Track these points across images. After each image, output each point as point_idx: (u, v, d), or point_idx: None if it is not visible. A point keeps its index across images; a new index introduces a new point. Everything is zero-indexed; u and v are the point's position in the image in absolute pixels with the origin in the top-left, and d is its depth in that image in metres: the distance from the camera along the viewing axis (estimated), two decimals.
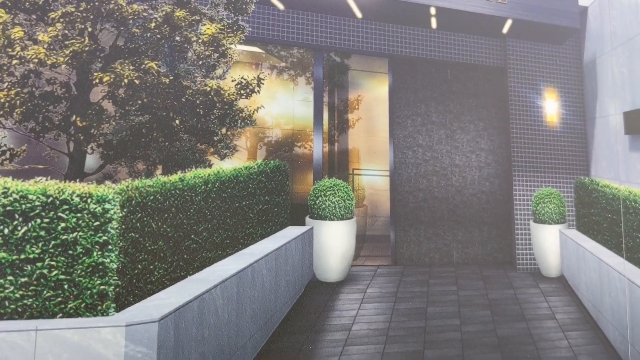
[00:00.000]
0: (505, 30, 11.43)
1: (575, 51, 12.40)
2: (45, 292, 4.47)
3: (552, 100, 12.06)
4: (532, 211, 10.87)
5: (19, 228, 4.43)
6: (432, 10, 10.56)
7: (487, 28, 11.45)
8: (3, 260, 4.37)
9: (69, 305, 4.52)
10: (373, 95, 13.39)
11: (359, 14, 10.99)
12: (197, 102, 6.98)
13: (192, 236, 6.22)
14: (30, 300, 4.43)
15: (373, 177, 13.49)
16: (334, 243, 9.41)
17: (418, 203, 11.71)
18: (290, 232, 8.64)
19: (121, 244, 4.85)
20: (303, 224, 9.59)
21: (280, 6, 10.57)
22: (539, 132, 11.92)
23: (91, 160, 6.99)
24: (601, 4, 11.32)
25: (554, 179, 11.84)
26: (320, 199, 9.39)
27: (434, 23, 11.37)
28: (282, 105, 11.94)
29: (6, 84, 6.18)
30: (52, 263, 4.50)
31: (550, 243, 10.47)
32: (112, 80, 6.20)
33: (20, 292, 4.40)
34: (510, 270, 11.36)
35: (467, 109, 12.20)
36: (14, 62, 5.98)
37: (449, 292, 9.60)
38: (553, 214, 10.43)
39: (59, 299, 4.50)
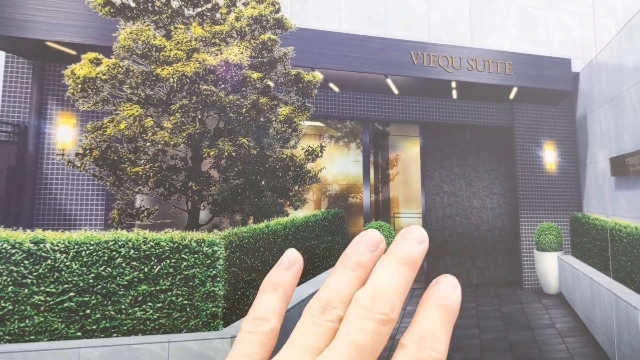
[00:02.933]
0: (511, 96, 11.42)
1: (569, 109, 12.29)
2: (174, 313, 4.72)
3: (550, 150, 12.00)
4: (535, 241, 10.83)
5: (155, 267, 4.72)
6: (453, 84, 10.60)
7: (496, 95, 11.46)
8: (144, 291, 4.65)
9: (191, 323, 4.74)
10: (408, 154, 13.44)
11: (395, 91, 11.12)
12: (277, 167, 7.10)
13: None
14: (164, 320, 4.69)
15: (409, 219, 13.48)
16: None
17: (445, 238, 11.71)
18: None
19: (226, 276, 4.99)
20: None
21: (336, 89, 10.77)
22: (540, 177, 11.88)
23: (203, 215, 7.14)
24: (590, 69, 11.27)
25: (553, 215, 11.77)
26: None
27: (454, 94, 11.42)
28: (339, 165, 12.08)
29: (142, 160, 6.43)
30: (178, 292, 4.74)
31: (551, 267, 10.44)
32: (216, 154, 6.37)
33: (157, 314, 4.67)
34: (518, 289, 11.33)
35: (482, 162, 12.16)
36: (147, 144, 6.21)
37: (470, 307, 9.63)
38: (552, 243, 10.42)
39: (184, 318, 4.73)
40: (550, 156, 11.95)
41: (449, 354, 6.13)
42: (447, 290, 0.46)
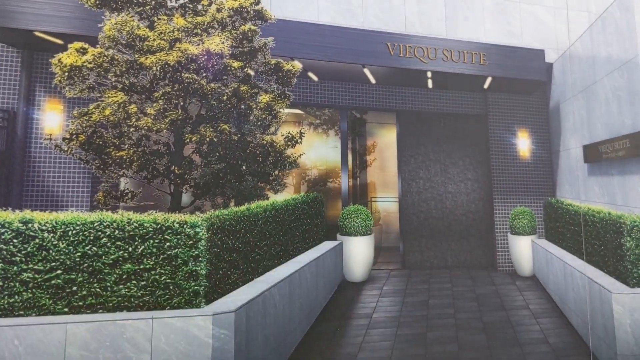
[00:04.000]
0: (486, 86, 11.53)
1: (542, 99, 12.41)
2: (157, 291, 4.77)
3: (524, 138, 12.14)
4: (509, 225, 10.93)
5: (139, 247, 4.77)
6: (429, 74, 10.69)
7: (471, 85, 11.57)
8: (129, 270, 4.70)
9: (174, 301, 4.79)
10: (385, 141, 13.54)
11: (373, 81, 11.19)
12: (257, 152, 7.11)
13: (256, 250, 6.40)
14: (148, 297, 4.74)
15: (386, 203, 13.61)
16: (358, 253, 9.61)
17: (420, 222, 11.80)
18: (326, 246, 8.87)
19: (207, 256, 5.01)
20: (335, 239, 9.80)
21: (315, 78, 10.83)
22: (513, 163, 12.01)
23: (185, 197, 7.17)
24: (564, 60, 11.37)
25: (527, 200, 11.90)
26: (347, 220, 9.63)
27: (430, 84, 11.51)
28: (318, 151, 12.14)
29: (127, 145, 6.45)
30: (162, 271, 4.79)
31: (524, 250, 10.52)
32: (198, 139, 6.38)
33: (141, 292, 4.73)
34: (492, 271, 11.43)
35: (456, 148, 12.25)
36: (131, 130, 6.22)
37: (445, 288, 9.71)
38: (526, 227, 10.52)
39: (167, 296, 4.79)
40: (523, 143, 12.09)
41: (424, 332, 6.22)
42: None
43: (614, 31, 8.81)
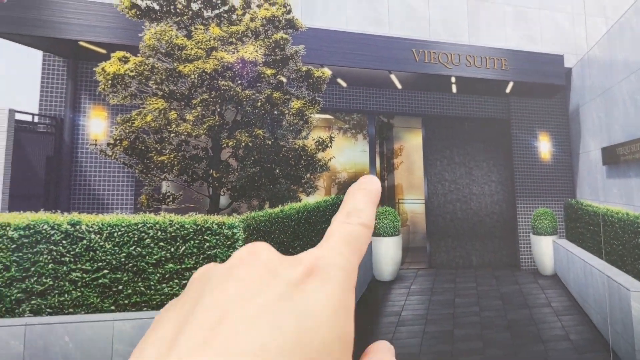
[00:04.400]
0: (507, 90, 11.39)
1: (562, 102, 12.23)
2: None
3: (545, 141, 11.97)
4: (531, 226, 10.83)
5: (180, 247, 4.80)
6: (453, 79, 10.62)
7: (493, 89, 11.45)
8: (171, 269, 4.73)
9: None
10: (411, 145, 13.42)
11: (399, 86, 11.12)
12: (290, 156, 7.14)
13: (290, 250, 6.43)
14: None
15: (413, 205, 13.48)
16: (386, 252, 9.58)
17: (446, 223, 11.68)
18: None
19: None
20: None
21: (344, 84, 10.79)
22: (535, 166, 11.86)
23: (223, 200, 7.17)
24: (582, 64, 11.24)
25: (548, 201, 11.72)
26: (376, 221, 9.55)
27: (454, 89, 11.41)
28: (347, 155, 12.09)
29: (167, 150, 6.52)
30: None
31: (546, 249, 10.42)
32: (234, 144, 6.44)
33: (183, 291, 4.74)
34: (516, 270, 11.24)
35: (480, 151, 12.11)
36: (172, 135, 6.29)
37: (470, 287, 9.65)
38: (548, 228, 10.40)
39: None
40: (544, 146, 11.92)
41: (451, 330, 6.18)
42: (366, 180, 0.53)
43: (630, 36, 8.77)
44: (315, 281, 0.42)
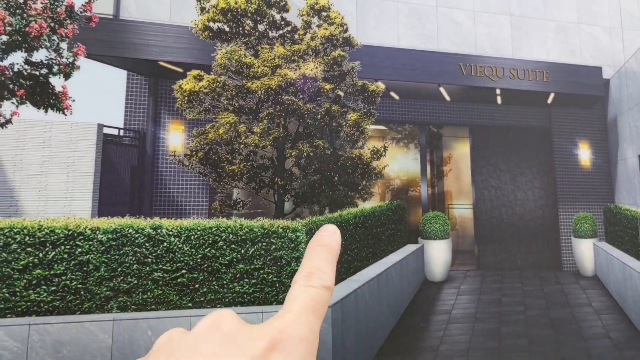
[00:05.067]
0: (549, 101, 11.29)
1: (601, 112, 12.10)
2: (265, 289, 4.80)
3: (584, 149, 11.87)
4: (572, 229, 10.61)
5: (249, 249, 4.82)
6: (497, 91, 10.57)
7: (536, 100, 11.35)
8: (242, 269, 4.76)
9: (279, 297, 4.81)
10: (459, 153, 13.35)
11: (447, 98, 11.08)
12: (347, 164, 7.16)
13: (348, 252, 6.41)
14: (258, 294, 4.79)
15: (461, 210, 13.38)
16: (437, 255, 9.47)
17: (493, 227, 11.58)
18: (409, 248, 8.78)
19: None
20: (416, 242, 9.71)
21: (396, 97, 10.81)
22: (575, 172, 11.74)
23: (287, 205, 7.27)
24: (620, 76, 11.12)
25: (588, 206, 11.64)
26: (427, 225, 9.49)
27: (499, 100, 11.39)
28: (400, 163, 12.12)
29: (238, 160, 6.63)
30: (269, 270, 4.82)
31: (587, 252, 10.21)
32: (297, 154, 6.48)
33: (252, 289, 4.78)
34: (558, 271, 11.21)
35: (524, 159, 11.99)
36: (241, 146, 6.38)
37: (516, 287, 9.50)
38: (588, 231, 10.18)
39: (274, 293, 4.82)
40: (584, 154, 11.81)
41: (498, 327, 6.03)
42: (326, 235, 0.50)
43: None
44: (277, 356, 0.39)
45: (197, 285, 4.63)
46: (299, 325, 0.42)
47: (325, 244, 0.49)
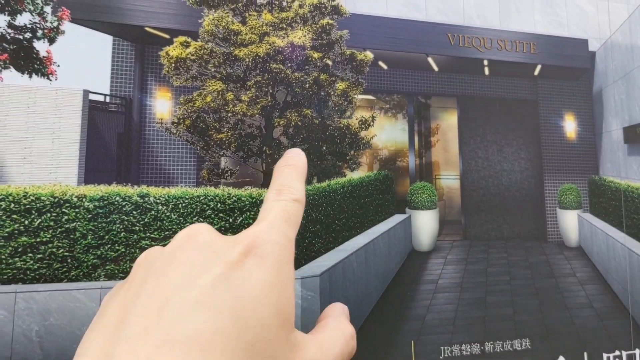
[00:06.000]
0: (536, 73, 11.23)
1: (586, 85, 11.97)
2: None
3: (570, 121, 11.80)
4: (557, 200, 10.75)
5: (238, 218, 4.80)
6: (485, 62, 10.56)
7: (523, 72, 11.31)
8: None
9: None
10: (447, 124, 13.32)
11: (436, 69, 11.01)
12: (335, 134, 7.16)
13: (336, 222, 6.44)
14: None
15: (449, 180, 13.40)
16: (424, 225, 9.49)
17: (479, 197, 11.63)
18: (396, 219, 8.81)
19: None
20: (404, 213, 9.67)
21: (384, 67, 10.69)
22: (561, 144, 11.74)
23: None
24: (605, 49, 11.10)
25: (573, 178, 11.63)
26: (414, 195, 9.50)
27: (486, 71, 11.30)
28: (388, 133, 12.05)
29: (225, 128, 6.60)
30: None
31: (571, 223, 10.32)
32: (285, 123, 6.50)
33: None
34: (543, 242, 11.15)
35: (511, 130, 11.99)
36: (229, 115, 6.33)
37: (502, 257, 9.57)
38: (573, 202, 10.29)
39: None
40: (570, 126, 11.78)
41: (484, 297, 6.09)
42: (291, 156, 0.53)
43: None
44: (253, 260, 0.40)
45: None
46: (273, 230, 0.44)
47: (291, 163, 0.52)
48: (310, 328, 0.46)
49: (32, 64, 5.19)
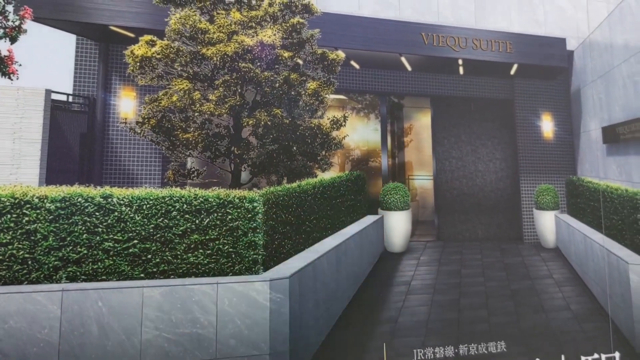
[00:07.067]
0: (512, 72, 11.36)
1: (564, 84, 12.14)
2: (221, 259, 4.83)
3: (547, 121, 11.93)
4: (534, 201, 10.83)
5: (204, 219, 4.82)
6: (460, 62, 10.60)
7: (499, 71, 11.42)
8: (196, 240, 4.76)
9: (235, 268, 4.85)
10: (420, 124, 13.43)
11: (409, 68, 11.10)
12: (306, 134, 7.18)
13: (307, 223, 6.44)
14: (213, 264, 4.81)
15: (422, 181, 13.51)
16: (397, 226, 9.55)
17: (453, 198, 11.71)
18: (368, 219, 8.85)
19: (264, 228, 5.07)
20: (376, 213, 9.76)
21: (357, 66, 10.77)
22: (538, 144, 11.83)
23: (244, 175, 7.25)
24: (584, 48, 11.21)
25: (550, 178, 11.74)
26: (387, 196, 9.58)
27: (461, 70, 11.40)
28: (360, 133, 12.11)
29: (192, 128, 6.58)
30: (225, 241, 4.84)
31: (548, 224, 10.41)
32: (254, 123, 6.49)
33: (207, 260, 4.80)
34: (519, 243, 11.31)
35: (485, 130, 12.09)
36: (196, 114, 6.31)
37: (476, 259, 9.65)
38: (550, 203, 10.39)
39: (229, 264, 4.85)
40: (547, 126, 11.90)
41: (458, 298, 6.16)
42: None
43: (630, 20, 8.76)
44: None
45: (149, 256, 4.62)
46: None
47: None
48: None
49: None
